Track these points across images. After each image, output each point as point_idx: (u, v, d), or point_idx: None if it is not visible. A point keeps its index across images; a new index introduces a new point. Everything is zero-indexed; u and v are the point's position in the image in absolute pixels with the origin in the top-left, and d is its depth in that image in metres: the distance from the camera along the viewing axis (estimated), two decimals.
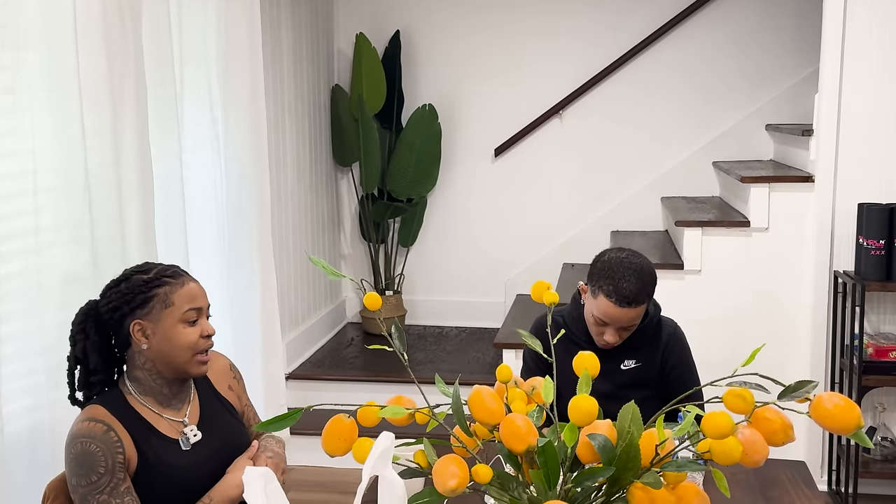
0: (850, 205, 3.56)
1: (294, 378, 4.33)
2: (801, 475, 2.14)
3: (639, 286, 2.30)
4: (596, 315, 2.35)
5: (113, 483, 1.80)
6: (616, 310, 2.30)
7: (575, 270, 4.65)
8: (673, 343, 2.48)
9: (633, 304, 2.30)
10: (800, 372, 3.69)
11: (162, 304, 1.88)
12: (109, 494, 1.79)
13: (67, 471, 1.83)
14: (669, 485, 1.30)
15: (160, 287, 1.89)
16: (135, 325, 1.88)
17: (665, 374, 2.47)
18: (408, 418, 1.43)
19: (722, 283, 3.83)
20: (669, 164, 4.87)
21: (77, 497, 1.81)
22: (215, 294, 3.23)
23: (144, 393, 1.93)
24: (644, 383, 2.45)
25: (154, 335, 1.88)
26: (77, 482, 1.80)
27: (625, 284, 2.29)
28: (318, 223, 4.89)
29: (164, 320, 1.88)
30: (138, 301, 1.88)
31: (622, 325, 2.34)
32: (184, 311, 1.89)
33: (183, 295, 1.90)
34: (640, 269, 2.33)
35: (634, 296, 2.29)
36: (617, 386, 2.41)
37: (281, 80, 4.31)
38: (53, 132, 2.29)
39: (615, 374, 2.43)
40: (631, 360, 2.45)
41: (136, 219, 2.60)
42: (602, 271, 2.34)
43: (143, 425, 1.89)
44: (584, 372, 1.42)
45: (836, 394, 1.23)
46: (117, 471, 1.81)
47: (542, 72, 4.93)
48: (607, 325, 2.35)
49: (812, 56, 4.18)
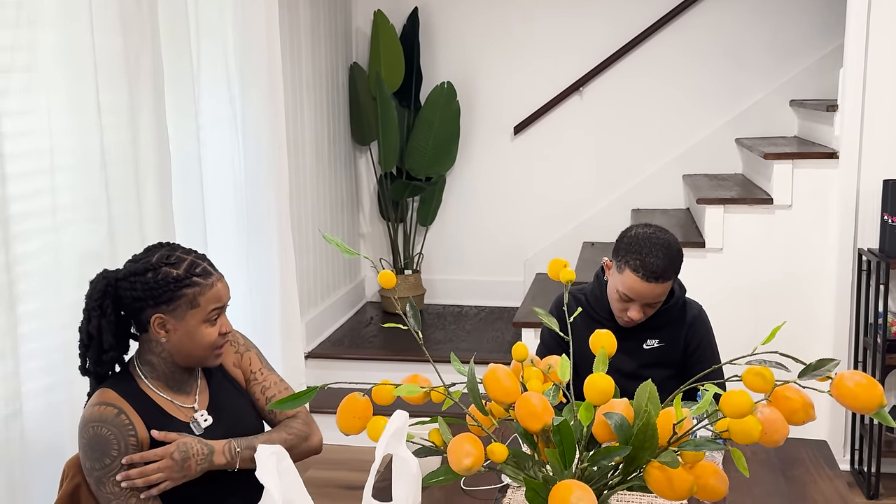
0: (875, 181, 3.51)
1: (313, 357, 4.34)
2: (823, 454, 2.11)
3: (666, 262, 2.27)
4: (621, 291, 2.32)
5: (126, 465, 1.80)
6: (642, 285, 2.27)
7: (595, 249, 4.62)
8: (697, 325, 2.45)
9: (659, 279, 2.27)
10: (822, 351, 3.65)
11: (188, 305, 1.85)
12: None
13: (82, 455, 1.83)
14: (687, 464, 1.29)
15: (189, 287, 1.84)
16: (156, 319, 1.85)
17: (687, 356, 2.45)
18: (423, 397, 1.42)
19: (744, 262, 3.79)
20: (691, 141, 4.82)
21: (92, 481, 1.81)
22: (234, 273, 3.24)
23: (156, 378, 1.92)
24: (666, 363, 2.42)
25: (175, 331, 1.86)
26: (91, 466, 1.80)
27: (652, 259, 2.26)
28: (337, 202, 4.88)
29: (187, 320, 1.85)
30: (165, 297, 1.83)
31: (647, 302, 2.31)
32: (208, 311, 1.87)
33: (211, 297, 1.87)
34: (668, 244, 2.30)
35: (662, 271, 2.26)
36: (639, 365, 2.40)
37: (299, 58, 4.29)
38: (70, 111, 2.28)
39: (637, 353, 2.41)
40: (654, 340, 2.43)
41: (153, 197, 2.60)
42: (629, 246, 2.31)
43: (154, 409, 1.89)
44: (601, 350, 1.40)
45: (858, 372, 1.21)
46: (131, 453, 1.81)
47: (562, 48, 4.88)
48: (632, 301, 2.32)
49: (837, 30, 4.10)
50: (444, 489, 1.93)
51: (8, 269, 2.07)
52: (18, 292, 2.13)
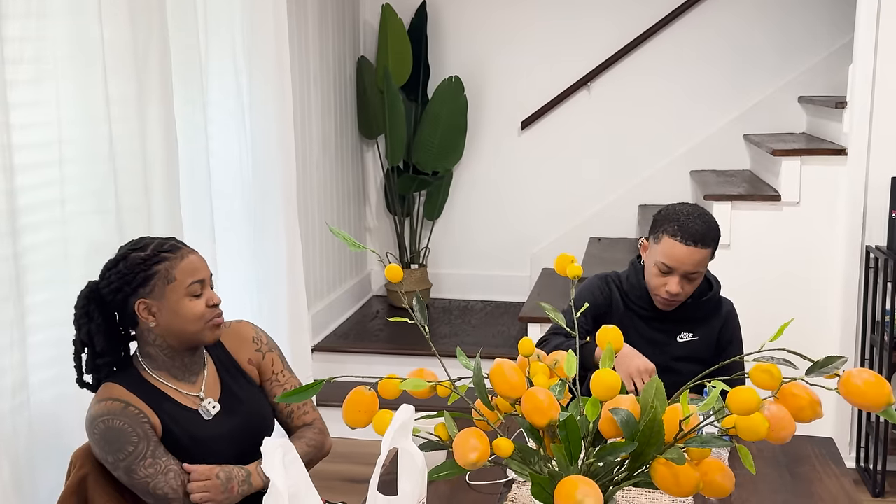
0: (884, 178, 3.49)
1: (319, 350, 4.34)
2: (829, 452, 2.11)
3: (705, 227, 2.28)
4: (659, 261, 2.30)
5: (151, 447, 1.80)
6: (682, 249, 2.26)
7: (602, 244, 4.62)
8: (731, 319, 2.46)
9: (699, 243, 2.26)
10: (830, 348, 3.64)
11: (164, 281, 1.86)
12: (153, 457, 1.80)
13: (99, 452, 1.83)
14: (693, 461, 1.28)
15: (159, 263, 1.86)
16: (139, 304, 1.86)
17: (719, 351, 2.43)
18: (429, 391, 1.42)
19: (751, 258, 3.78)
20: (699, 137, 4.81)
21: (121, 472, 1.81)
22: (241, 266, 3.24)
23: (158, 368, 1.93)
24: (698, 358, 2.41)
25: (160, 312, 1.87)
26: (115, 458, 1.80)
27: (690, 224, 2.27)
28: (344, 196, 4.88)
29: (168, 296, 1.86)
30: (139, 280, 1.85)
31: (687, 271, 2.29)
32: (187, 284, 1.87)
33: (184, 269, 1.88)
34: (706, 212, 2.33)
35: (701, 235, 2.27)
36: (671, 358, 2.39)
37: (307, 51, 4.29)
38: (78, 102, 2.28)
39: (670, 346, 2.42)
40: (687, 334, 2.42)
41: (161, 189, 2.61)
42: (667, 216, 2.32)
43: (164, 399, 1.90)
44: (608, 346, 1.40)
45: (866, 370, 1.21)
46: (151, 436, 1.81)
47: (570, 43, 4.87)
48: (671, 272, 2.30)
49: (846, 26, 4.09)
50: (450, 483, 1.93)
51: (16, 260, 2.08)
52: (26, 283, 2.14)
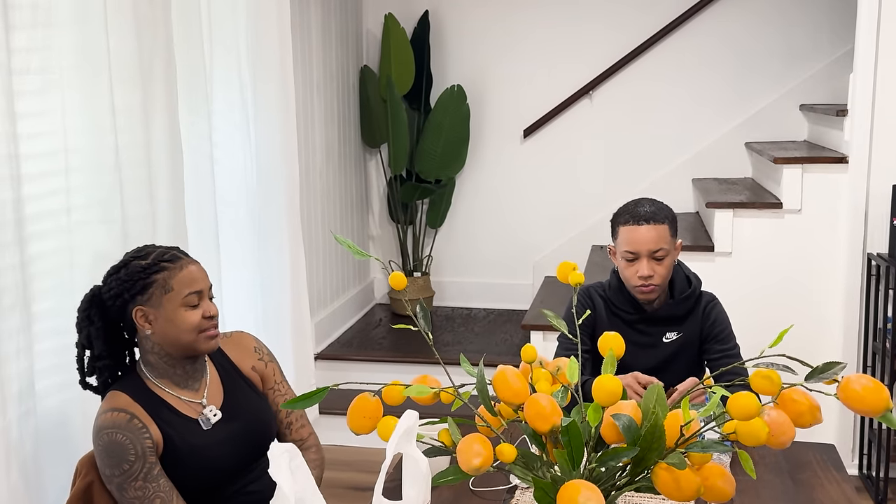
0: (885, 186, 3.51)
1: (323, 358, 4.35)
2: (831, 458, 2.12)
3: (654, 207, 2.40)
4: (623, 251, 2.39)
5: (146, 468, 1.82)
6: (637, 230, 2.35)
7: (604, 252, 4.63)
8: (709, 309, 2.51)
9: (651, 220, 2.35)
10: (831, 355, 3.64)
11: (162, 290, 1.89)
12: (144, 480, 1.81)
13: (99, 462, 1.85)
14: (694, 466, 1.30)
15: (158, 273, 1.89)
16: (137, 312, 1.89)
17: (703, 338, 2.49)
18: (432, 398, 1.43)
19: (753, 266, 3.79)
20: (701, 145, 4.82)
21: (114, 488, 1.83)
22: (245, 274, 3.26)
23: (160, 376, 1.95)
24: (687, 355, 2.49)
25: (157, 320, 1.89)
26: (111, 473, 1.82)
27: (639, 208, 2.39)
28: (347, 204, 4.90)
29: (165, 306, 1.89)
30: (138, 287, 1.88)
31: (650, 249, 2.35)
32: (184, 295, 1.90)
33: (182, 279, 1.90)
34: (654, 199, 2.45)
35: (652, 214, 2.37)
36: (662, 359, 2.46)
37: (310, 60, 4.31)
38: (84, 112, 2.31)
39: (658, 347, 2.48)
40: (672, 332, 2.48)
41: (166, 198, 2.63)
42: (618, 213, 2.45)
43: (164, 407, 1.92)
44: (609, 352, 1.41)
45: (865, 375, 1.22)
46: (148, 456, 1.83)
47: (573, 51, 4.89)
48: (637, 257, 2.37)
49: (847, 35, 4.11)
50: (453, 489, 1.94)
51: (23, 269, 2.09)
52: (33, 291, 2.16)
